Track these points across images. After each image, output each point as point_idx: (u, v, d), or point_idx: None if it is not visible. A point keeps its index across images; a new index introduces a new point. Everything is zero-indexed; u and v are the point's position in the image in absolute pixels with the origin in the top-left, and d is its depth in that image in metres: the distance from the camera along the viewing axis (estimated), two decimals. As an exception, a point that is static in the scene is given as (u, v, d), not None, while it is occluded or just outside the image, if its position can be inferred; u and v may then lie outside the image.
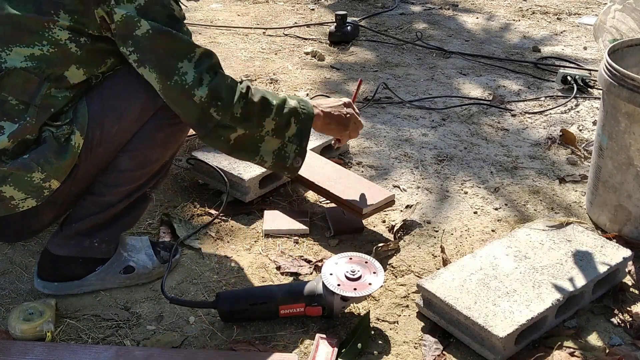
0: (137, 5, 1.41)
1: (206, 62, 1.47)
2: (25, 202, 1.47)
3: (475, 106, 2.78)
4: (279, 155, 1.61)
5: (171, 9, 1.45)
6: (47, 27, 1.40)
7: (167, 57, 1.44)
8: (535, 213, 2.04)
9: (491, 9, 4.17)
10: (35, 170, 1.44)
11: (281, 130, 1.59)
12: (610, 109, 1.81)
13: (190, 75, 1.44)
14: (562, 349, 1.50)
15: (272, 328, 1.56)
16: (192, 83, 1.44)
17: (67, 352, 1.45)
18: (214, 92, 1.46)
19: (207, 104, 1.46)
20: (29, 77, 1.41)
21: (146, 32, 1.42)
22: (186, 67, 1.44)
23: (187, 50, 1.45)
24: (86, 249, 1.62)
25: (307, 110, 1.65)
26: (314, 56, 3.31)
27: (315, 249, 1.85)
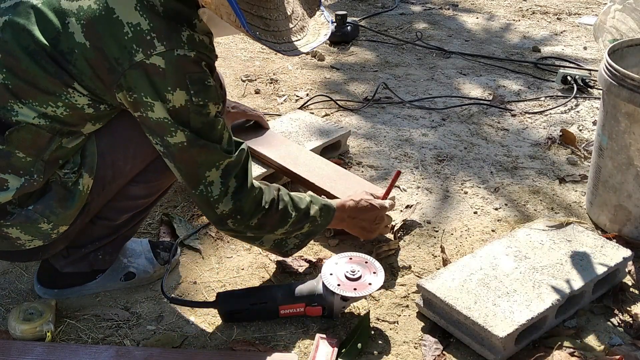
0: (170, 108, 1.32)
1: (234, 169, 1.43)
2: (32, 242, 1.45)
3: (475, 106, 2.78)
4: (278, 245, 1.61)
5: (207, 113, 1.37)
6: (65, 92, 1.33)
7: (196, 167, 1.40)
8: (535, 213, 2.04)
9: (491, 9, 4.17)
10: (41, 222, 1.41)
11: (290, 233, 1.60)
12: (610, 109, 1.81)
13: (217, 187, 1.42)
14: (562, 349, 1.50)
15: (272, 328, 1.56)
16: (218, 197, 1.42)
17: (67, 352, 1.45)
18: (237, 208, 1.44)
19: (227, 216, 1.45)
20: (40, 133, 1.34)
21: (179, 143, 1.36)
22: (213, 176, 1.41)
23: (217, 160, 1.41)
24: (91, 263, 1.62)
25: (325, 219, 1.65)
26: (314, 56, 3.31)
27: (315, 249, 1.85)
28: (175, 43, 1.29)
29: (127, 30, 1.28)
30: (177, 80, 1.30)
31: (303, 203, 1.59)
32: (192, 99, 1.33)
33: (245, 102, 2.78)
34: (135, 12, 1.28)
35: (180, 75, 1.30)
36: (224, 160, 1.41)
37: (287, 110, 2.67)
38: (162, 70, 1.29)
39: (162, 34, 1.28)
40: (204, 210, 1.47)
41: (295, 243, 1.63)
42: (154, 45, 1.28)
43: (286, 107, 2.72)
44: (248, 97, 2.84)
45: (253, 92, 2.88)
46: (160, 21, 1.29)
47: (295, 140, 2.25)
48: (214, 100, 1.37)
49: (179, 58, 1.29)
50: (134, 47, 1.28)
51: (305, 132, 2.32)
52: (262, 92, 2.88)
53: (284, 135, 2.29)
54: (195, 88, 1.32)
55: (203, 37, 1.35)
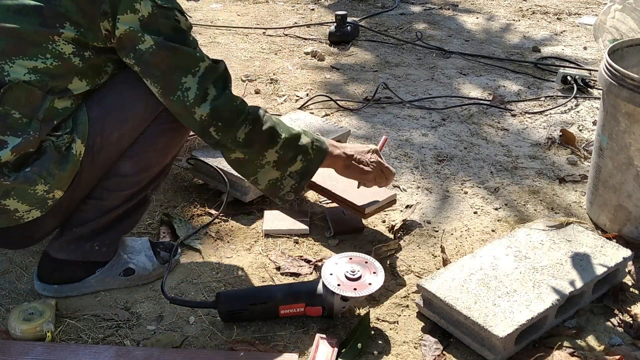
0: (140, 18, 1.40)
1: (211, 76, 1.45)
2: (30, 213, 1.46)
3: (475, 106, 2.78)
4: (273, 185, 1.61)
5: (176, 20, 1.43)
6: (51, 40, 1.39)
7: (170, 72, 1.42)
8: (535, 213, 2.04)
9: (491, 9, 4.17)
10: (39, 182, 1.43)
11: (284, 164, 1.58)
12: (610, 109, 1.81)
13: (193, 92, 1.43)
14: (562, 349, 1.50)
15: (272, 328, 1.56)
16: (194, 100, 1.43)
17: (67, 352, 1.45)
18: (216, 112, 1.45)
19: (207, 123, 1.45)
20: (33, 91, 1.39)
21: (149, 47, 1.40)
22: (189, 82, 1.43)
23: (192, 64, 1.44)
24: (86, 253, 1.62)
25: (319, 151, 1.62)
26: (314, 56, 3.31)
27: (315, 249, 1.85)
28: None
29: None
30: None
31: (293, 129, 1.59)
32: (157, 2, 1.40)
33: (245, 102, 2.78)
34: None
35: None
36: (198, 65, 1.44)
37: (287, 110, 2.67)
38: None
39: None
40: (184, 118, 1.47)
41: (292, 185, 1.61)
42: None
43: (286, 107, 2.72)
44: (248, 97, 2.84)
45: (253, 92, 2.88)
46: None
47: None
48: (179, 8, 1.44)
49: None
50: None
51: (305, 132, 2.32)
52: (262, 92, 2.88)
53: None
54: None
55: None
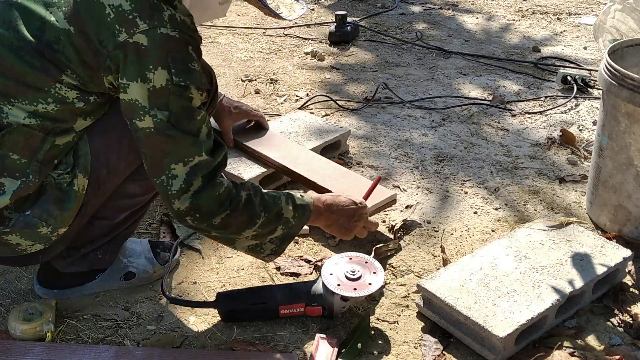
0: (150, 88, 1.30)
1: (202, 170, 1.37)
2: (33, 247, 1.44)
3: (475, 106, 2.78)
4: (253, 250, 1.53)
5: (189, 97, 1.33)
6: (53, 86, 1.32)
7: (162, 157, 1.34)
8: (535, 213, 2.04)
9: (491, 9, 4.16)
10: (40, 226, 1.40)
11: (262, 237, 1.51)
12: (610, 109, 1.81)
13: (178, 183, 1.35)
14: (562, 349, 1.50)
15: (272, 328, 1.56)
16: (176, 192, 1.35)
17: (67, 352, 1.45)
18: (194, 207, 1.37)
19: (184, 214, 1.38)
20: (32, 134, 1.34)
21: (147, 128, 1.32)
22: (178, 170, 1.35)
23: (187, 154, 1.35)
24: (90, 263, 1.62)
25: (301, 217, 1.54)
26: (314, 56, 3.31)
27: (315, 249, 1.85)
28: (158, 21, 1.28)
29: (109, 12, 1.28)
30: (159, 58, 1.29)
31: (275, 204, 1.49)
32: (173, 78, 1.30)
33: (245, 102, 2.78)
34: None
35: (163, 53, 1.29)
36: (194, 157, 1.36)
37: (287, 110, 2.67)
38: (145, 49, 1.28)
39: (144, 13, 1.28)
40: (163, 200, 1.41)
41: (272, 249, 1.54)
42: (136, 24, 1.28)
43: (286, 107, 2.72)
44: (248, 97, 2.84)
45: (253, 92, 2.88)
46: (142, 1, 1.29)
47: (295, 141, 2.25)
48: (197, 84, 1.34)
49: (162, 36, 1.28)
50: (117, 28, 1.28)
51: (305, 132, 2.32)
52: (262, 92, 2.88)
53: (284, 135, 2.29)
54: (177, 67, 1.31)
55: (185, 18, 1.34)
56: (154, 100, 1.31)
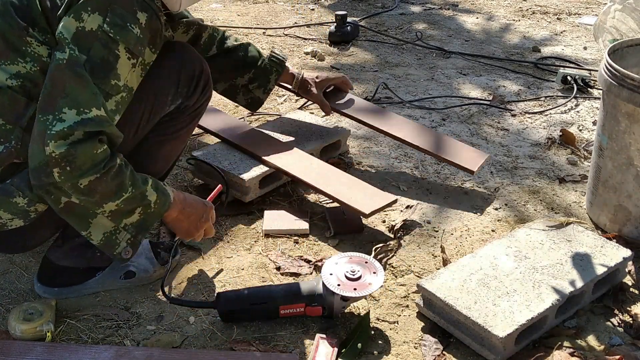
0: (79, 27, 1.31)
1: (94, 126, 1.31)
2: (13, 221, 1.45)
3: (475, 106, 2.78)
4: (108, 239, 1.47)
5: (115, 54, 1.32)
6: (28, 43, 1.36)
7: (60, 96, 1.30)
8: (535, 213, 2.04)
9: (491, 9, 4.17)
10: (17, 195, 1.41)
11: (119, 216, 1.45)
12: (610, 109, 1.81)
13: (61, 125, 1.28)
14: (562, 349, 1.50)
15: (272, 328, 1.56)
16: (55, 134, 1.28)
17: (67, 352, 1.45)
18: (69, 156, 1.30)
19: (54, 162, 1.30)
20: (16, 98, 1.37)
21: (61, 59, 1.31)
22: (69, 116, 1.29)
23: (85, 104, 1.30)
24: (89, 259, 1.62)
25: (162, 205, 1.49)
26: (314, 56, 3.31)
27: (315, 249, 1.85)
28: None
29: None
30: (100, 4, 1.31)
31: (143, 183, 1.44)
32: (104, 26, 1.31)
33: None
34: None
35: (105, 1, 1.31)
36: (91, 109, 1.30)
37: (287, 110, 2.67)
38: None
39: None
40: (35, 144, 1.31)
41: (127, 239, 1.49)
42: None
43: (286, 107, 2.72)
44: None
45: (253, 92, 2.88)
46: None
47: (295, 141, 2.25)
48: (129, 46, 1.33)
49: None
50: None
51: (305, 132, 2.32)
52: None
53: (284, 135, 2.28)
54: (114, 20, 1.32)
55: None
56: (78, 39, 1.31)
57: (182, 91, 1.61)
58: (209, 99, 1.72)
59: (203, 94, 1.68)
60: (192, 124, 1.71)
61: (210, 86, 1.71)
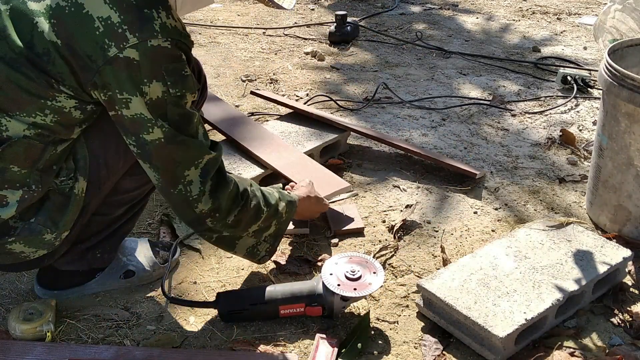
0: (147, 101, 1.30)
1: (212, 167, 1.41)
2: (37, 252, 1.44)
3: (475, 106, 2.78)
4: (251, 253, 1.61)
5: (184, 104, 1.34)
6: (51, 96, 1.30)
7: (175, 166, 1.36)
8: (535, 213, 2.04)
9: (491, 9, 4.17)
10: (45, 233, 1.41)
11: (261, 232, 1.59)
12: (610, 109, 1.81)
13: (196, 187, 1.39)
14: (562, 349, 1.50)
15: (272, 328, 1.56)
16: (197, 196, 1.39)
17: (67, 352, 1.45)
18: (216, 206, 1.42)
19: (206, 215, 1.42)
20: (32, 145, 1.33)
21: (157, 140, 1.33)
22: (192, 175, 1.38)
23: (197, 156, 1.38)
24: (89, 262, 1.62)
25: (289, 211, 1.64)
26: (314, 56, 3.31)
27: (315, 249, 1.85)
28: (148, 33, 1.26)
29: (97, 25, 1.25)
30: (152, 71, 1.28)
31: (273, 198, 1.59)
32: (170, 90, 1.30)
33: (245, 102, 2.78)
34: (104, 5, 1.26)
35: (156, 67, 1.28)
36: (202, 157, 1.39)
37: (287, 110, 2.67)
38: (137, 63, 1.26)
39: (133, 25, 1.25)
40: (182, 210, 1.43)
41: (267, 249, 1.63)
42: (126, 38, 1.25)
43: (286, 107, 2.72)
44: (248, 97, 2.84)
45: (253, 92, 2.88)
46: (131, 12, 1.26)
47: (295, 141, 2.25)
48: (191, 90, 1.36)
49: (153, 49, 1.27)
50: (107, 42, 1.25)
51: (305, 132, 2.32)
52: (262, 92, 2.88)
53: (284, 135, 2.29)
54: (172, 79, 1.30)
55: (176, 24, 1.32)
56: (154, 111, 1.31)
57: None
58: (205, 99, 1.72)
59: (201, 96, 1.67)
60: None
61: (207, 87, 1.70)
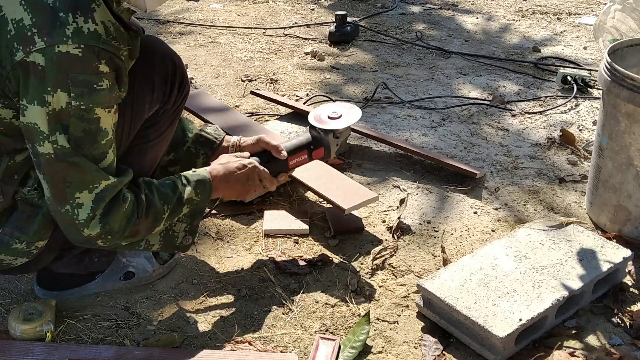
0: (49, 112, 1.21)
1: (109, 194, 1.31)
2: (17, 260, 1.44)
3: (475, 106, 2.78)
4: (166, 236, 1.50)
5: (94, 119, 1.24)
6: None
7: (64, 185, 1.27)
8: (535, 213, 2.04)
9: (491, 9, 4.17)
10: (13, 243, 1.39)
11: (171, 223, 1.49)
12: (610, 109, 1.81)
13: (85, 212, 1.29)
14: (562, 349, 1.50)
15: (272, 328, 1.56)
16: (84, 221, 1.30)
17: (67, 352, 1.45)
18: (106, 230, 1.33)
19: (95, 238, 1.33)
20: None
21: (47, 154, 1.24)
22: (84, 198, 1.28)
23: (92, 181, 1.28)
24: (87, 266, 1.62)
25: (204, 195, 1.51)
26: (313, 56, 3.31)
27: (315, 249, 1.85)
28: (57, 38, 1.18)
29: (10, 28, 1.20)
30: (57, 79, 1.20)
31: (173, 191, 1.45)
32: (73, 102, 1.22)
33: (245, 102, 2.78)
34: (19, 7, 1.20)
35: (62, 74, 1.20)
36: (100, 182, 1.29)
37: (287, 110, 2.67)
38: (42, 69, 1.19)
39: (44, 28, 1.19)
40: (67, 230, 1.34)
41: (184, 228, 1.52)
42: (34, 41, 1.19)
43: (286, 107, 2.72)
44: (248, 97, 2.84)
45: (253, 92, 2.88)
46: (45, 14, 1.19)
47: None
48: (104, 105, 1.26)
49: (60, 55, 1.19)
50: (15, 46, 1.20)
51: (305, 132, 2.32)
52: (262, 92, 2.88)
53: (284, 135, 2.29)
54: (79, 90, 1.22)
55: (97, 28, 1.22)
56: (53, 123, 1.22)
57: (158, 96, 1.51)
58: (187, 95, 1.63)
59: (180, 93, 1.58)
60: (173, 123, 1.63)
61: (187, 82, 1.60)
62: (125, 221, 1.35)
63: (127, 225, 1.35)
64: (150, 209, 1.40)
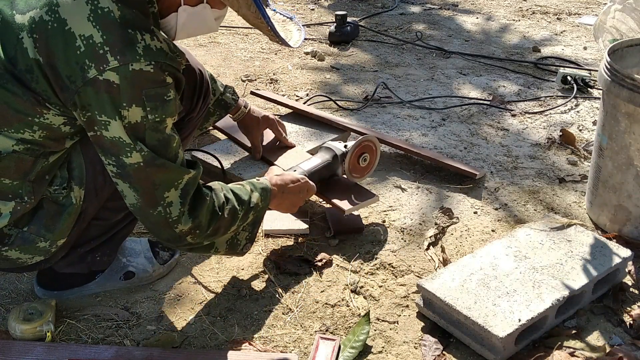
0: (126, 125, 1.27)
1: (192, 187, 1.39)
2: (34, 259, 1.45)
3: (475, 106, 2.78)
4: (231, 245, 1.57)
5: (163, 129, 1.32)
6: (38, 113, 1.29)
7: (154, 188, 1.34)
8: (535, 213, 2.04)
9: (491, 9, 4.17)
10: (38, 241, 1.41)
11: (239, 227, 1.55)
12: (610, 109, 1.81)
13: (176, 207, 1.36)
14: (562, 349, 1.50)
15: (272, 328, 1.56)
16: (177, 217, 1.37)
17: (67, 352, 1.45)
18: (196, 224, 1.40)
19: (186, 233, 1.40)
20: (22, 159, 1.32)
21: (136, 164, 1.31)
22: (172, 196, 1.36)
23: (176, 178, 1.36)
24: (89, 265, 1.62)
25: (265, 201, 1.60)
26: (313, 56, 3.31)
27: (315, 249, 1.85)
28: (130, 56, 1.23)
29: (79, 44, 1.23)
30: (132, 96, 1.25)
31: (245, 194, 1.53)
32: (149, 116, 1.28)
33: (245, 102, 2.78)
34: (88, 24, 1.23)
35: (137, 91, 1.26)
36: (182, 178, 1.37)
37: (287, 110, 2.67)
38: (117, 86, 1.24)
39: (115, 47, 1.23)
40: (160, 230, 1.40)
41: (246, 237, 1.60)
42: (107, 60, 1.23)
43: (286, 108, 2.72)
44: (248, 97, 2.84)
45: (253, 92, 2.88)
46: (115, 32, 1.23)
47: (295, 141, 2.25)
48: (172, 114, 1.33)
49: (134, 73, 1.24)
50: (87, 63, 1.23)
51: (305, 132, 2.32)
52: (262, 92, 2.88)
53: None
54: (152, 104, 1.28)
55: (162, 45, 1.29)
56: (132, 135, 1.29)
57: (186, 104, 1.59)
58: (209, 104, 1.73)
59: (204, 103, 1.68)
60: (195, 130, 1.75)
61: (210, 92, 1.70)
62: (210, 216, 1.42)
63: (212, 220, 1.43)
64: (228, 206, 1.48)
